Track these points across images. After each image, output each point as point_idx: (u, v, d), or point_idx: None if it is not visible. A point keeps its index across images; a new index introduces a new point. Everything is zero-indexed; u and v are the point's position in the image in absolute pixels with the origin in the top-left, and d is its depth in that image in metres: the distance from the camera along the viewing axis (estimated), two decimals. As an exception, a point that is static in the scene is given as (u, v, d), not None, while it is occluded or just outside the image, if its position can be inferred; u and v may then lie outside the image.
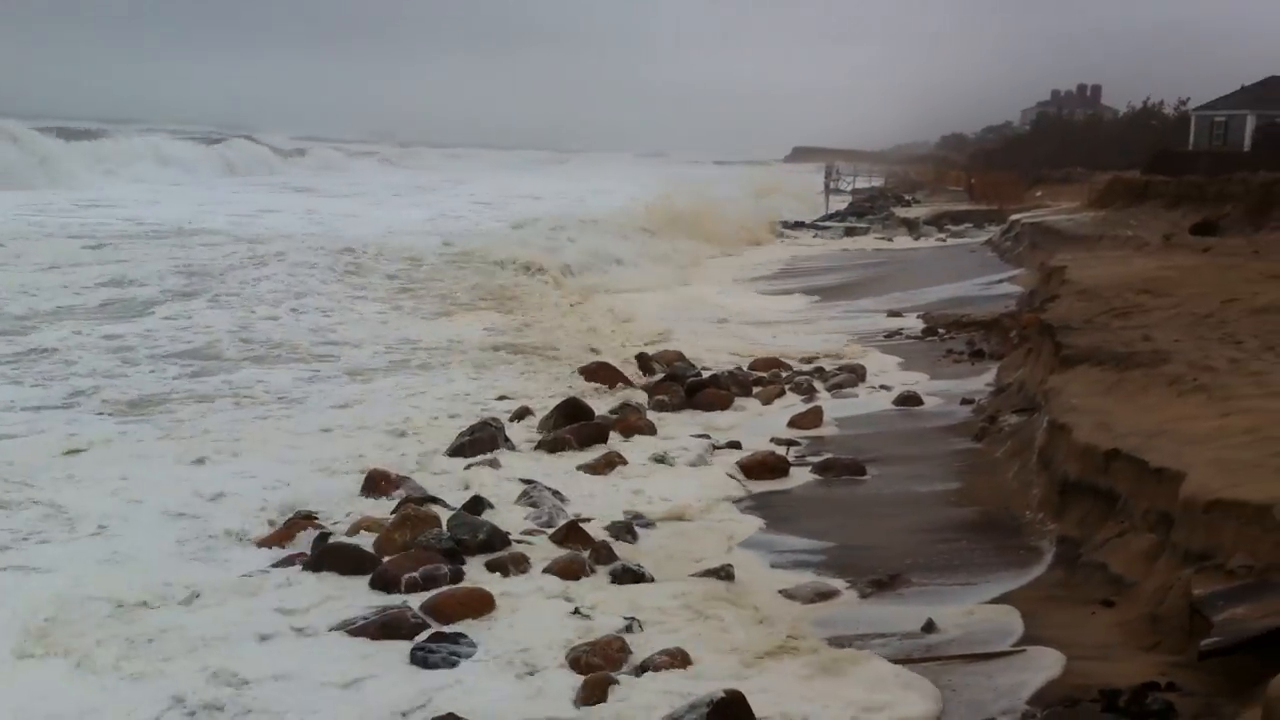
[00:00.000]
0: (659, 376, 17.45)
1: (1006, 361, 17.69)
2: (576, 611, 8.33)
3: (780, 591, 9.02)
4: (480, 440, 13.08)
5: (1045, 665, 7.15)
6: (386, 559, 9.21)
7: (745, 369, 18.57)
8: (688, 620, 8.40)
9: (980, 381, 17.22)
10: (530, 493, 11.22)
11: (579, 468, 12.53)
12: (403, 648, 7.74)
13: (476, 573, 9.19)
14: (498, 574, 9.17)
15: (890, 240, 49.78)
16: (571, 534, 9.91)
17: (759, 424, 15.13)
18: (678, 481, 12.28)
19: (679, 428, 14.64)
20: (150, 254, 30.00)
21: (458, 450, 12.96)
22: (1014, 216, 45.57)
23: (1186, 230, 31.65)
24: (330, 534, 9.85)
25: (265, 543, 9.81)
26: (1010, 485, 11.46)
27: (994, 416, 14.13)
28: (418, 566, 8.97)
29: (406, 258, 31.93)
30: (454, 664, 7.52)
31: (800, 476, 12.57)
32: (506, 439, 13.54)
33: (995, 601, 8.64)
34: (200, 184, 64.36)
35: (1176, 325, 14.24)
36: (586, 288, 29.49)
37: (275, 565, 9.33)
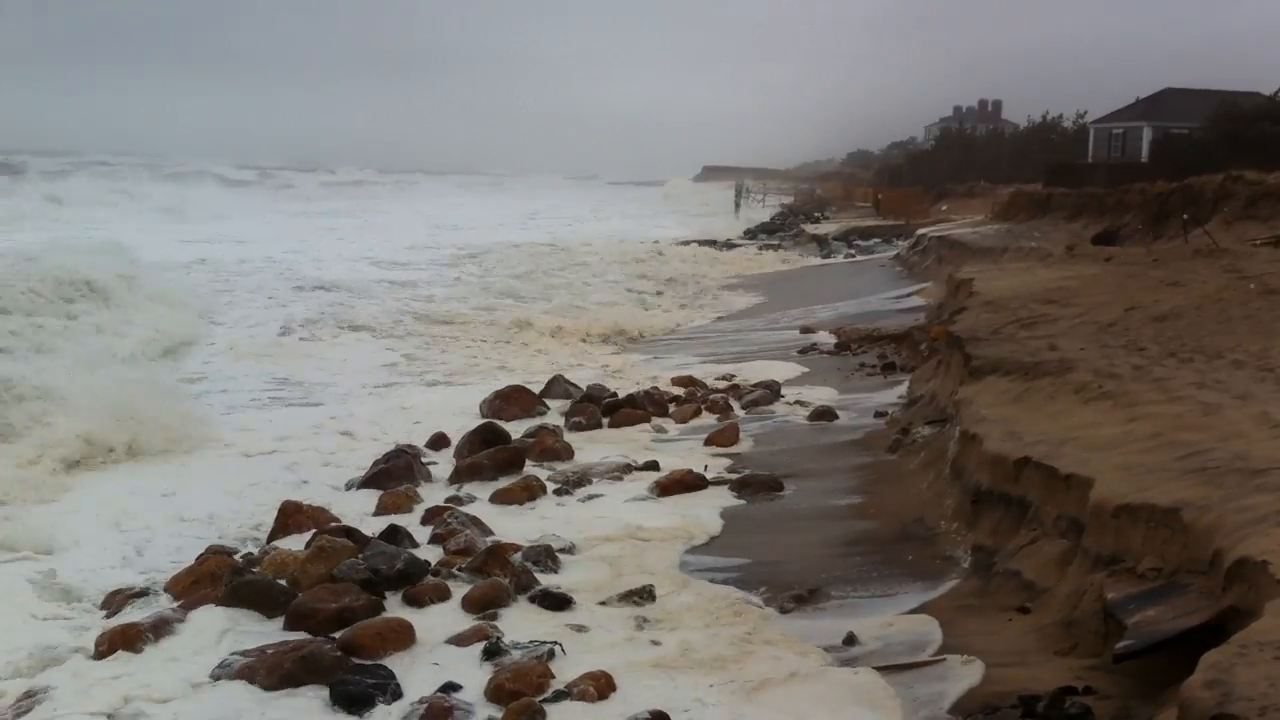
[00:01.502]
0: (575, 398, 17.40)
1: (918, 374, 17.90)
2: (498, 639, 8.25)
3: (701, 608, 9.01)
4: (396, 468, 12.95)
5: (964, 674, 7.22)
6: (302, 593, 9.04)
7: (661, 388, 18.59)
8: (610, 643, 8.37)
9: (893, 394, 17.42)
10: (448, 520, 11.11)
11: (496, 493, 12.44)
12: (321, 684, 7.59)
13: (395, 603, 9.07)
14: (417, 604, 9.06)
15: (800, 257, 50.22)
16: (491, 561, 9.82)
17: (676, 443, 15.15)
18: (596, 503, 12.24)
19: (596, 449, 14.60)
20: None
21: (373, 479, 12.81)
22: (921, 231, 46.26)
23: (1088, 241, 32.35)
24: (244, 570, 9.65)
25: (174, 584, 9.57)
26: (924, 496, 11.57)
27: (907, 429, 14.28)
28: (335, 599, 8.83)
29: (331, 286, 31.74)
30: (373, 699, 7.40)
31: (718, 494, 12.58)
32: (422, 466, 13.41)
33: (913, 612, 8.72)
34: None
35: (1081, 334, 14.51)
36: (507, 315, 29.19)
37: (183, 605, 9.10)
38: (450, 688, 7.55)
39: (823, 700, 7.16)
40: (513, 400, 16.95)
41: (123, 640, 8.27)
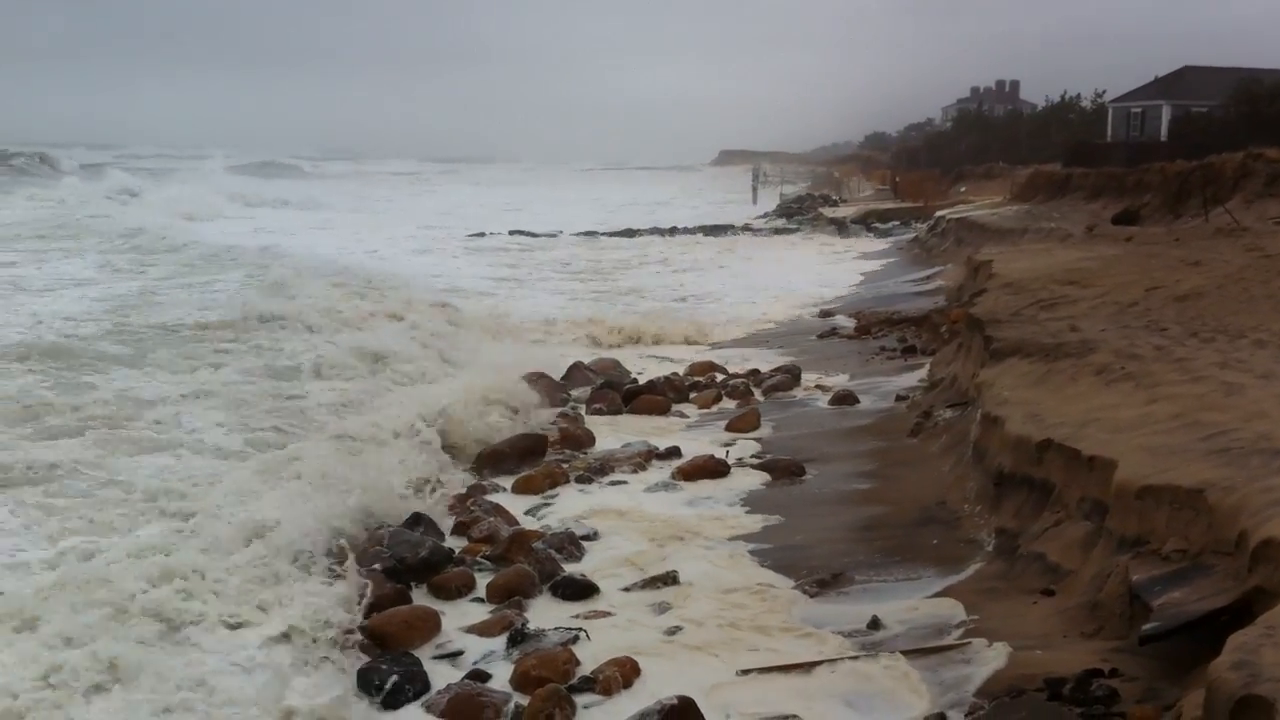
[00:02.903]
0: (596, 384, 17.41)
1: (938, 357, 17.86)
2: (523, 626, 8.29)
3: (725, 594, 9.04)
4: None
5: (990, 657, 7.22)
6: (328, 582, 9.08)
7: (681, 374, 18.59)
8: (635, 629, 8.41)
9: (913, 378, 17.38)
10: (471, 508, 11.16)
11: (519, 481, 12.47)
12: (349, 670, 7.65)
13: (420, 592, 9.13)
14: (442, 592, 9.12)
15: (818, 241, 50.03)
16: (514, 548, 9.86)
17: (698, 429, 15.16)
18: (619, 490, 12.27)
19: (618, 435, 14.61)
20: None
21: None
22: (939, 213, 46.09)
23: (1108, 221, 32.18)
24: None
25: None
26: (946, 480, 11.56)
27: (928, 412, 14.26)
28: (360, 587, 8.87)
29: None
30: (401, 688, 7.44)
31: (740, 479, 12.60)
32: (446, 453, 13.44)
33: (937, 596, 8.72)
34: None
35: (1102, 315, 14.46)
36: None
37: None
38: (477, 676, 7.60)
39: (847, 684, 7.18)
40: (534, 386, 16.90)
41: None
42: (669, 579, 9.30)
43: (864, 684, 7.15)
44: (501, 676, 7.59)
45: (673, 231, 52.35)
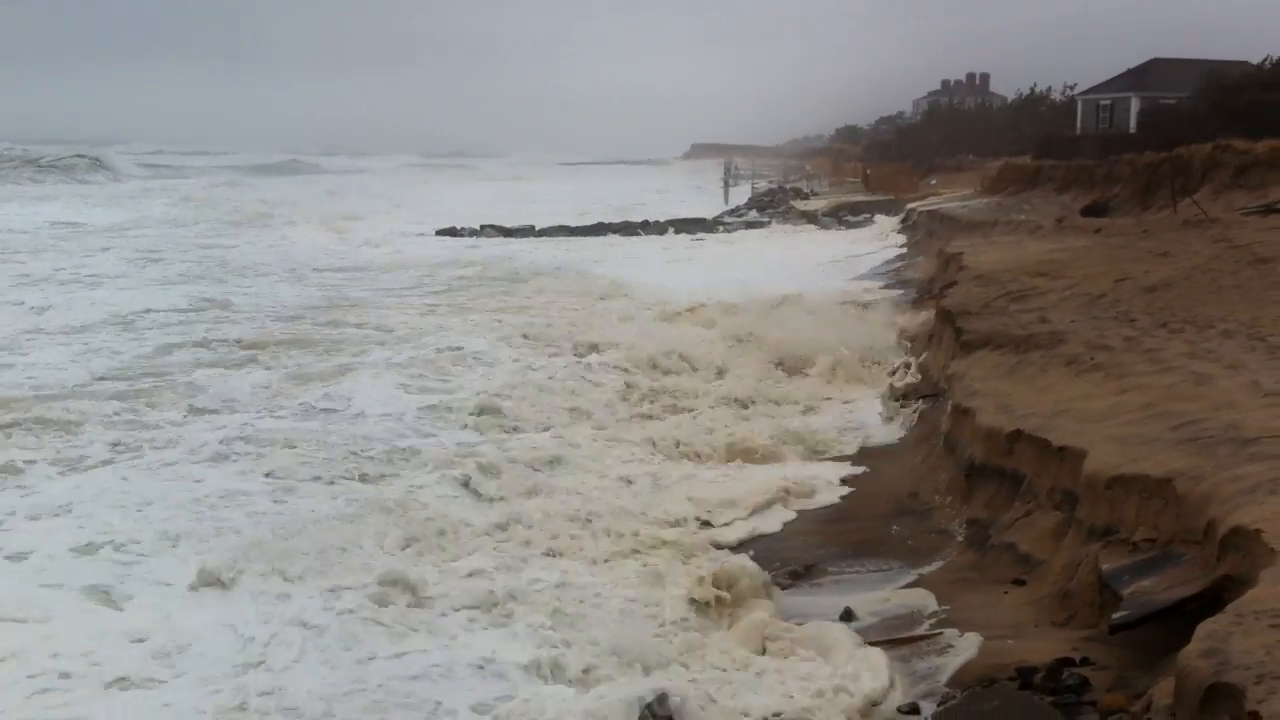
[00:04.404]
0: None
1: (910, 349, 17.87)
2: (495, 620, 8.27)
3: (699, 583, 9.01)
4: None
5: (962, 647, 7.24)
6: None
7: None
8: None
9: (885, 370, 17.37)
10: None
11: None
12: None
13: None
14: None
15: (791, 234, 50.01)
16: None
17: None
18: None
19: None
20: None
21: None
22: (910, 205, 46.18)
23: (1077, 213, 32.29)
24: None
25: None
26: (918, 471, 11.59)
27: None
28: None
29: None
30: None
31: (713, 472, 12.57)
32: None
33: (909, 586, 8.75)
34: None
35: (1072, 306, 14.52)
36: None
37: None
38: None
39: (821, 675, 7.17)
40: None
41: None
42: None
43: (839, 676, 7.13)
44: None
45: (645, 226, 52.15)
